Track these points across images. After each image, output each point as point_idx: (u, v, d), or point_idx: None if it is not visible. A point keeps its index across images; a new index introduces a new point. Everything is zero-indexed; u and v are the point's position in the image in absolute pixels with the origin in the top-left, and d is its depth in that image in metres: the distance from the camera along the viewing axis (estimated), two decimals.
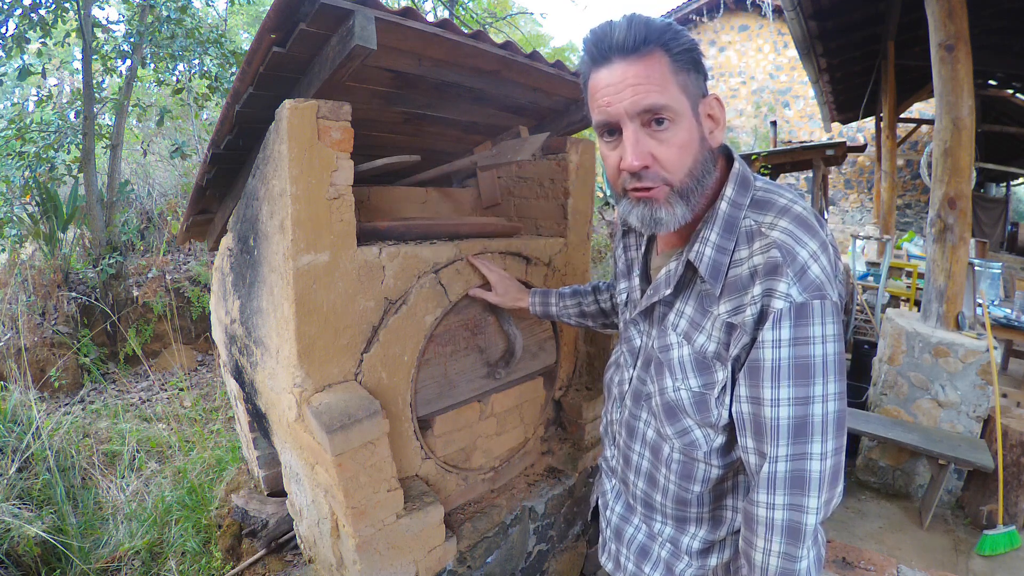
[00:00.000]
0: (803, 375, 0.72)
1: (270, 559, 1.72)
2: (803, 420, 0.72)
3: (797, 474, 0.73)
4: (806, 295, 0.71)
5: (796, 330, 0.72)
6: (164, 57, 4.44)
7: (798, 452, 0.73)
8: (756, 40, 10.74)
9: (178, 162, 5.31)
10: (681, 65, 0.76)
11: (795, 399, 0.72)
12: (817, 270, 0.73)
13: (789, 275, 0.72)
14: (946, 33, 2.84)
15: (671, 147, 0.76)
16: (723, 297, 0.79)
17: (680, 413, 0.86)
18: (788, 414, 0.72)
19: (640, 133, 0.76)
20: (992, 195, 10.02)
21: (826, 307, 0.72)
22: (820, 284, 0.72)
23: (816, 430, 0.72)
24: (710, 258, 0.80)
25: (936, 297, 2.97)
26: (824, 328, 0.72)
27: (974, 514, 2.68)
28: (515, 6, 11.92)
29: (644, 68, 0.74)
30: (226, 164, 1.50)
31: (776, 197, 0.80)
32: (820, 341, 0.72)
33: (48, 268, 3.97)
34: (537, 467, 1.90)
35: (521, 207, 2.03)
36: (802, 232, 0.74)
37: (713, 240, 0.80)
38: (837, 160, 6.29)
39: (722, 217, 0.80)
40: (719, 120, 0.81)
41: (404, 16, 1.14)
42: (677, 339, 0.86)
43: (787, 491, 0.74)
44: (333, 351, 1.27)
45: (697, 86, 0.79)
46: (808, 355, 0.72)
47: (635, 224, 0.83)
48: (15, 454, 2.21)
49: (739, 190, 0.81)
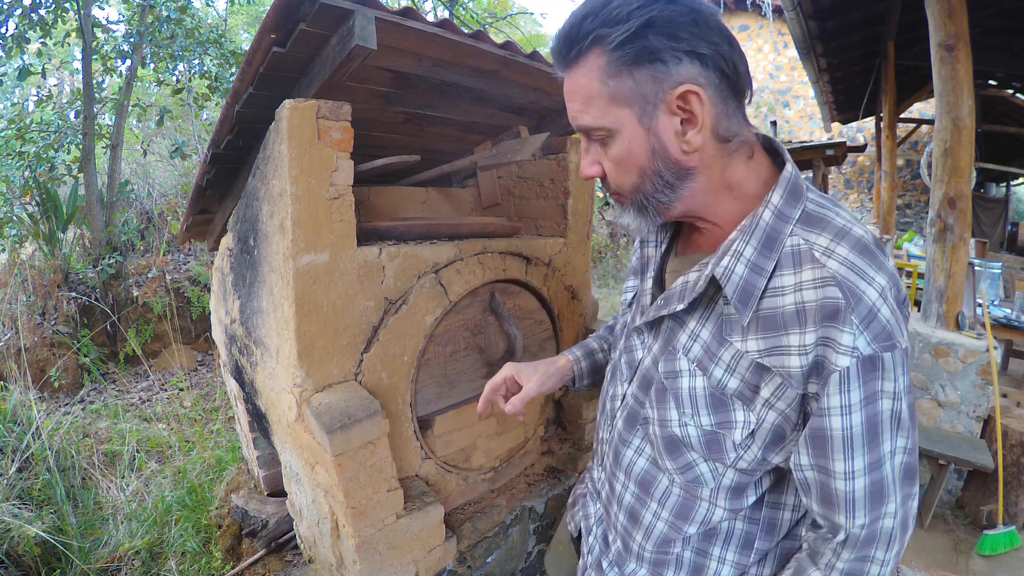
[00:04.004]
0: (874, 438, 0.63)
1: (270, 559, 1.72)
2: (879, 486, 0.64)
3: (870, 534, 0.67)
4: (875, 346, 0.60)
5: (866, 390, 0.61)
6: (164, 57, 4.45)
7: (875, 518, 0.66)
8: (756, 40, 10.74)
9: (178, 162, 5.31)
10: (620, 64, 0.63)
11: (869, 466, 0.64)
12: (887, 313, 0.61)
13: (855, 323, 0.59)
14: (946, 33, 2.84)
15: (612, 162, 0.71)
16: (754, 330, 0.67)
17: (685, 448, 0.76)
18: (864, 485, 0.64)
19: (591, 144, 0.72)
20: (992, 195, 10.03)
21: (896, 358, 0.61)
22: (891, 332, 0.61)
23: (890, 491, 0.65)
24: (741, 277, 0.66)
25: (936, 297, 2.97)
26: (896, 384, 0.62)
27: (974, 514, 2.68)
28: (515, 6, 11.93)
29: (573, 82, 0.68)
30: (226, 164, 1.50)
31: (832, 215, 0.67)
32: (891, 397, 0.62)
33: (48, 268, 3.97)
34: (537, 467, 1.89)
35: (521, 207, 2.03)
36: (867, 264, 0.61)
37: (748, 256, 0.66)
38: (837, 160, 6.29)
39: (763, 230, 0.66)
40: (696, 116, 0.65)
41: (404, 16, 1.14)
42: (689, 367, 0.73)
43: (857, 550, 0.68)
44: (333, 351, 1.27)
45: (653, 82, 0.63)
46: (878, 412, 0.62)
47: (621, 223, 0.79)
48: (15, 454, 2.21)
49: (788, 199, 0.67)
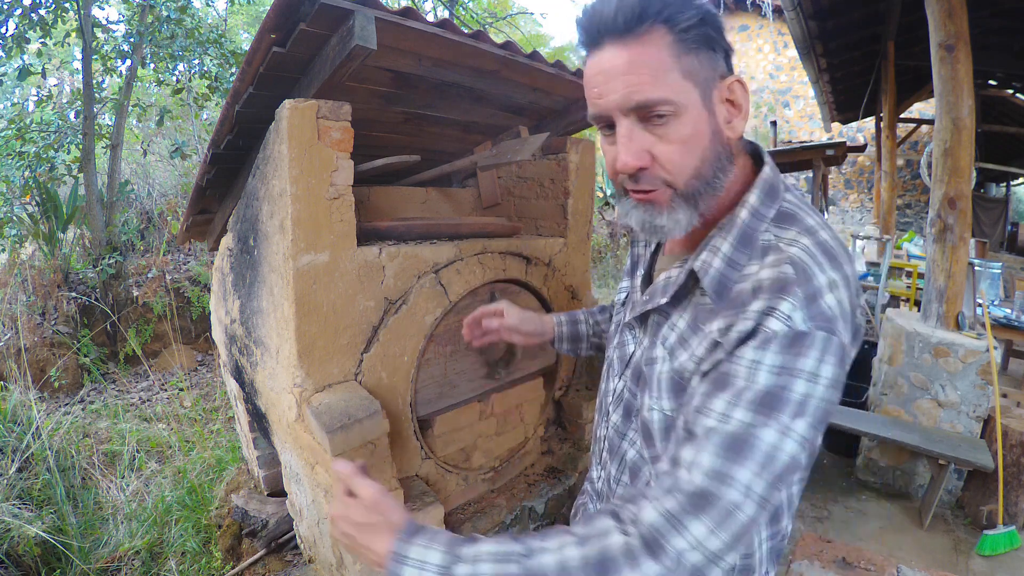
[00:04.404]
0: (770, 407, 0.57)
1: (270, 559, 1.72)
2: (745, 443, 0.57)
3: (702, 492, 0.57)
4: (811, 324, 0.59)
5: (786, 359, 0.58)
6: (164, 57, 4.45)
7: (719, 473, 0.57)
8: (756, 40, 10.74)
9: (178, 162, 5.31)
10: (688, 44, 0.64)
11: (749, 423, 0.57)
12: (832, 302, 0.60)
13: (798, 296, 0.59)
14: (946, 33, 2.84)
15: (672, 144, 0.66)
16: (720, 314, 0.67)
17: (653, 437, 0.75)
18: (731, 432, 0.58)
19: (635, 129, 0.66)
20: (992, 195, 10.02)
21: (831, 345, 0.59)
22: (832, 318, 0.60)
23: (754, 459, 0.57)
24: (718, 271, 0.68)
25: (936, 297, 2.97)
26: (821, 366, 0.58)
27: (974, 514, 2.68)
28: (515, 6, 11.93)
29: (638, 53, 0.63)
30: (226, 164, 1.50)
31: (803, 215, 0.69)
32: (810, 379, 0.58)
33: (48, 268, 3.97)
34: (537, 467, 1.89)
35: (521, 207, 2.03)
36: (826, 259, 0.63)
37: (725, 251, 0.68)
38: (837, 160, 6.27)
39: (740, 227, 0.68)
40: (741, 107, 0.69)
41: (404, 16, 1.14)
42: (663, 353, 0.75)
43: (681, 508, 0.57)
44: (333, 351, 1.27)
45: (712, 67, 0.67)
46: (788, 389, 0.57)
47: (635, 228, 0.73)
48: (15, 454, 2.21)
49: (765, 199, 0.69)
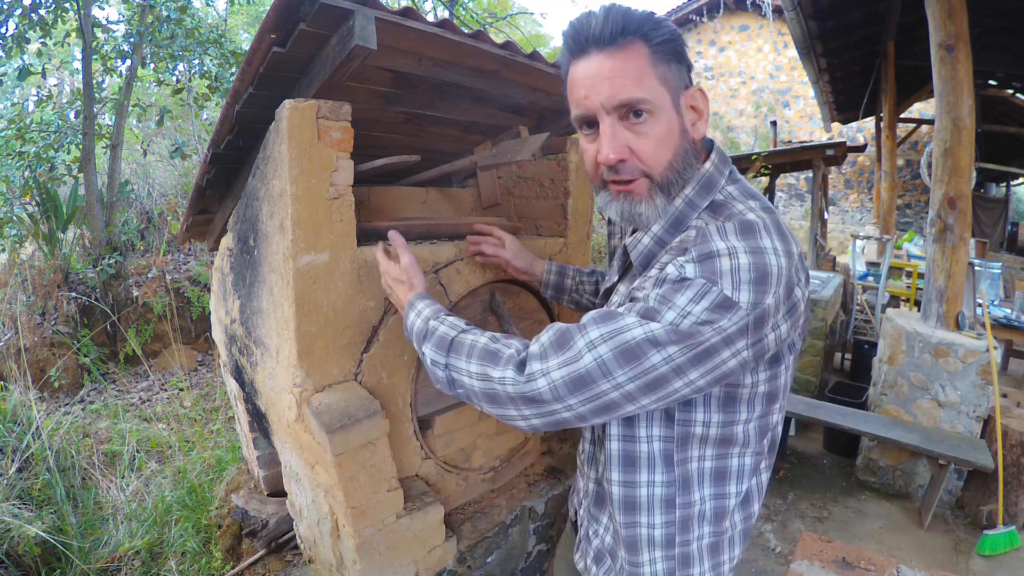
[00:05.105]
0: (646, 317, 0.67)
1: (270, 559, 1.72)
2: (618, 327, 0.68)
3: (565, 340, 0.71)
4: (700, 275, 0.65)
5: (667, 292, 0.66)
6: (164, 57, 4.45)
7: (587, 330, 0.70)
8: (756, 40, 10.75)
9: (178, 162, 5.31)
10: (661, 56, 0.74)
11: (627, 321, 0.67)
12: (727, 266, 0.65)
13: (693, 253, 0.68)
14: (946, 33, 2.84)
15: (649, 140, 0.75)
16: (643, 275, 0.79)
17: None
18: (616, 322, 0.68)
19: (617, 126, 0.75)
20: (992, 195, 10.03)
21: (713, 296, 0.64)
22: (720, 273, 0.64)
23: (617, 337, 0.67)
24: (645, 247, 0.80)
25: (936, 297, 2.97)
26: (692, 305, 0.64)
27: (974, 514, 2.68)
28: (515, 6, 11.94)
29: (621, 61, 0.73)
30: (226, 164, 1.50)
31: (735, 204, 0.76)
32: (682, 314, 0.64)
33: (48, 268, 3.97)
34: (537, 467, 1.89)
35: (521, 207, 2.03)
36: (734, 232, 0.68)
37: (655, 232, 0.80)
38: (837, 160, 6.28)
39: (673, 214, 0.79)
40: (702, 112, 0.80)
41: (404, 16, 1.14)
42: None
43: (550, 343, 0.72)
44: (333, 351, 1.27)
45: (679, 77, 0.77)
46: (661, 313, 0.66)
47: (614, 218, 0.82)
48: (15, 454, 2.21)
49: (699, 191, 0.79)
